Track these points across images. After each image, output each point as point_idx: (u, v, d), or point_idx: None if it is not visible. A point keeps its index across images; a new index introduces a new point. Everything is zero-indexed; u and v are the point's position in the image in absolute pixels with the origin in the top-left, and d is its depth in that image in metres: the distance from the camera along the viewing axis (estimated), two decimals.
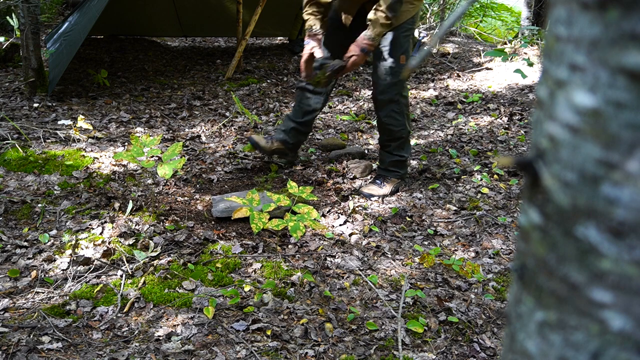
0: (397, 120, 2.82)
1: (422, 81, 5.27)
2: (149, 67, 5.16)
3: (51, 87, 3.91)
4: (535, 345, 0.46)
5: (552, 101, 0.44)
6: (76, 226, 2.45)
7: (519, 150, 3.66)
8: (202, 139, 3.68)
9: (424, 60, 5.73)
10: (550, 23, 0.44)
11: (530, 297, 0.46)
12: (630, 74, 0.38)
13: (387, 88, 2.74)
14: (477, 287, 2.26)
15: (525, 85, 4.93)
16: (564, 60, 0.42)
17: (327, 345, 1.88)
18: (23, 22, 3.69)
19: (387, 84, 2.73)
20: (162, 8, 5.52)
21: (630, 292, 0.39)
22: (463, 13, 1.04)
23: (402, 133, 2.87)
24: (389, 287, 2.24)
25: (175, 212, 2.69)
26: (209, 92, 4.62)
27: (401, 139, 2.91)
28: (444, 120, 4.23)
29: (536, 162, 0.45)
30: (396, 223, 2.75)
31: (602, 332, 0.41)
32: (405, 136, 2.91)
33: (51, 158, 3.01)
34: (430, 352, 1.89)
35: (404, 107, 2.82)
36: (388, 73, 2.70)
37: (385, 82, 2.73)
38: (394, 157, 2.97)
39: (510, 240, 2.64)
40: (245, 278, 2.23)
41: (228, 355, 1.79)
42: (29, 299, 2.01)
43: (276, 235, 2.57)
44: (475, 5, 7.78)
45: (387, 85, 2.73)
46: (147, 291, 2.08)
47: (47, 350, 1.74)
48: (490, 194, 3.05)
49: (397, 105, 2.78)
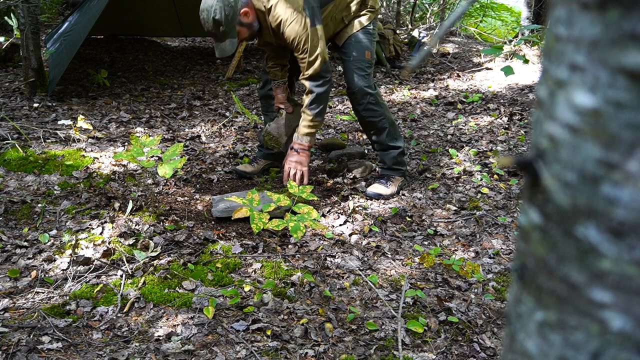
0: (376, 111, 2.86)
1: (422, 81, 5.27)
2: (149, 67, 5.16)
3: (51, 87, 3.91)
4: (535, 345, 0.46)
5: (552, 101, 0.44)
6: (76, 226, 2.45)
7: (519, 150, 3.66)
8: (202, 139, 3.68)
9: (424, 60, 5.74)
10: (550, 23, 0.44)
11: (530, 297, 0.46)
12: (630, 74, 0.38)
13: (359, 82, 2.81)
14: (477, 287, 2.26)
15: (525, 85, 4.93)
16: (564, 60, 0.42)
17: (327, 345, 1.88)
18: (23, 22, 3.69)
19: (358, 78, 2.81)
20: (162, 8, 5.52)
21: (630, 292, 0.39)
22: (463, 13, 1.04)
23: (383, 123, 2.90)
24: (389, 287, 2.24)
25: (175, 212, 2.69)
26: (209, 92, 4.62)
27: (385, 129, 2.92)
28: (444, 120, 4.23)
29: (536, 162, 0.45)
30: (396, 223, 2.75)
31: (602, 332, 0.41)
32: (389, 126, 2.93)
33: (51, 158, 3.01)
34: (430, 352, 1.89)
35: (378, 97, 2.88)
36: (356, 68, 2.81)
37: (355, 78, 2.81)
38: (392, 153, 2.99)
39: (510, 240, 2.64)
40: (245, 278, 2.23)
41: (228, 355, 1.79)
42: (29, 299, 2.01)
43: (276, 235, 2.57)
44: (475, 5, 7.78)
45: (358, 80, 2.81)
46: (147, 291, 2.08)
47: (47, 350, 1.74)
48: (490, 194, 3.06)
49: (371, 97, 2.83)
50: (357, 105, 2.85)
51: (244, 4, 2.55)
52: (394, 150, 2.99)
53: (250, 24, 2.60)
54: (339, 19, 2.80)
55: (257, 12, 2.60)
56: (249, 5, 2.56)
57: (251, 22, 2.60)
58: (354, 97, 2.85)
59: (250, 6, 2.57)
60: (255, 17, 2.61)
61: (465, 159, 3.46)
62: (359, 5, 2.81)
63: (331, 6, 2.72)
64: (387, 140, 2.96)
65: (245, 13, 2.56)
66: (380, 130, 2.91)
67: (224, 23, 2.50)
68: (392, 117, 2.97)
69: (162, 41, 6.13)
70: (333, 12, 2.75)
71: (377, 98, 2.85)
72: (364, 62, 2.81)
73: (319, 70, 2.62)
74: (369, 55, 2.82)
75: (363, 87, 2.80)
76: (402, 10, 7.84)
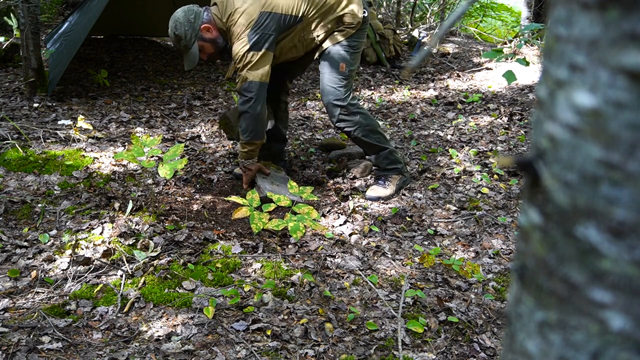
0: (349, 121, 2.89)
1: (422, 81, 5.27)
2: (149, 67, 5.16)
3: (51, 87, 3.91)
4: (535, 345, 0.46)
5: (552, 101, 0.44)
6: (76, 226, 2.45)
7: (519, 150, 3.66)
8: (202, 139, 3.68)
9: (424, 60, 5.74)
10: (550, 23, 0.44)
11: (530, 297, 0.46)
12: (630, 74, 0.38)
13: (329, 95, 2.86)
14: (477, 287, 2.26)
15: (525, 85, 4.93)
16: (564, 60, 0.42)
17: (327, 345, 1.88)
18: (23, 22, 3.69)
19: (328, 91, 2.86)
20: (162, 8, 5.51)
21: (630, 292, 0.39)
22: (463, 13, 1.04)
23: (359, 131, 2.92)
24: (389, 287, 2.24)
25: (175, 212, 2.69)
26: (209, 92, 4.62)
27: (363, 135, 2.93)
28: (444, 120, 4.23)
29: (536, 162, 0.45)
30: (396, 223, 2.75)
31: (602, 332, 0.41)
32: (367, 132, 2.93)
33: (51, 158, 3.01)
34: (430, 352, 1.89)
35: (351, 107, 2.89)
36: (330, 81, 2.85)
37: (329, 89, 2.86)
38: (381, 154, 3.01)
39: (510, 240, 2.64)
40: (245, 278, 2.23)
41: (228, 355, 1.79)
42: (29, 299, 2.01)
43: (276, 235, 2.57)
44: (475, 5, 7.78)
45: (327, 94, 2.87)
46: (147, 291, 2.08)
47: (47, 350, 1.74)
48: (490, 194, 3.06)
49: (342, 109, 2.87)
50: (331, 117, 2.93)
51: (205, 20, 2.70)
52: (383, 152, 3.01)
53: (213, 39, 2.74)
54: (309, 39, 2.81)
55: (220, 30, 2.73)
56: (210, 23, 2.70)
57: (214, 37, 2.74)
58: (327, 109, 2.92)
59: (212, 23, 2.71)
60: (218, 34, 2.74)
61: (465, 159, 3.46)
62: (334, 24, 2.80)
63: (297, 29, 2.75)
64: (372, 144, 2.98)
65: (207, 29, 2.70)
66: (359, 137, 2.94)
67: (183, 37, 2.66)
68: (373, 123, 2.97)
69: (162, 41, 6.13)
70: (300, 34, 2.78)
71: (348, 109, 2.87)
72: (337, 75, 2.84)
73: (239, 87, 2.71)
74: (344, 67, 2.83)
75: (332, 100, 2.85)
76: (402, 10, 7.84)
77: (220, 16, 2.69)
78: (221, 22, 2.70)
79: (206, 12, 2.71)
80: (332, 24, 2.79)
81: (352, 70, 2.88)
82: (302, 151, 3.60)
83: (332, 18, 2.77)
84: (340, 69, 2.84)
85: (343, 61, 2.83)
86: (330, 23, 2.78)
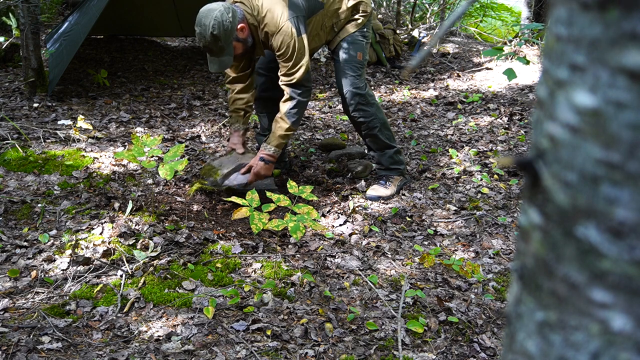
0: (366, 111, 2.88)
1: (422, 81, 5.27)
2: (149, 67, 5.16)
3: (51, 87, 3.91)
4: (535, 345, 0.46)
5: (552, 101, 0.44)
6: (76, 226, 2.45)
7: (519, 150, 3.66)
8: (202, 139, 3.68)
9: (424, 60, 5.74)
10: (550, 23, 0.44)
11: (530, 297, 0.46)
12: (630, 74, 0.38)
13: (349, 83, 2.84)
14: (477, 287, 2.26)
15: (525, 85, 4.93)
16: (564, 60, 0.42)
17: (327, 345, 1.88)
18: (23, 22, 3.69)
19: (348, 79, 2.84)
20: (162, 8, 5.52)
21: (630, 292, 0.39)
22: (463, 13, 1.04)
23: (374, 123, 2.91)
24: (389, 287, 2.24)
25: (175, 212, 2.69)
26: (209, 92, 4.62)
27: (376, 128, 2.92)
28: (444, 120, 4.23)
29: (536, 162, 0.45)
30: (396, 223, 2.75)
31: (602, 332, 0.41)
32: (380, 125, 2.93)
33: (51, 158, 3.01)
34: (430, 352, 1.89)
35: (369, 97, 2.89)
36: (347, 69, 2.83)
37: (349, 78, 2.84)
38: (387, 153, 3.00)
39: (510, 240, 2.64)
40: (245, 278, 2.23)
41: (228, 355, 1.79)
42: (29, 299, 2.01)
43: (276, 235, 2.57)
44: (475, 5, 7.78)
45: (347, 82, 2.84)
46: (147, 291, 2.07)
47: (47, 350, 1.74)
48: (490, 194, 3.06)
49: (361, 98, 2.85)
50: (347, 106, 2.88)
51: (240, 19, 2.55)
52: (389, 150, 3.00)
53: (245, 39, 2.61)
54: (329, 26, 2.81)
55: (250, 27, 2.61)
56: (244, 21, 2.56)
57: (246, 37, 2.61)
58: (344, 98, 2.88)
59: (245, 22, 2.57)
60: (249, 33, 2.61)
61: (465, 159, 3.46)
62: (350, 11, 2.82)
63: (319, 15, 2.73)
64: (381, 140, 2.97)
65: (242, 29, 2.56)
66: (372, 130, 2.92)
67: (222, 39, 2.47)
68: (385, 118, 2.98)
69: (162, 41, 6.13)
70: (322, 20, 2.76)
71: (367, 99, 2.86)
72: (355, 63, 2.84)
73: (301, 79, 2.63)
74: (361, 56, 2.85)
75: (352, 88, 2.83)
76: (402, 10, 7.83)
77: (250, 11, 2.57)
78: (252, 17, 2.58)
79: (239, 10, 2.56)
80: (348, 12, 2.82)
81: (366, 60, 2.90)
82: (302, 151, 3.60)
83: (350, 5, 2.81)
84: (358, 58, 2.85)
85: (360, 50, 2.85)
86: (347, 11, 2.81)
